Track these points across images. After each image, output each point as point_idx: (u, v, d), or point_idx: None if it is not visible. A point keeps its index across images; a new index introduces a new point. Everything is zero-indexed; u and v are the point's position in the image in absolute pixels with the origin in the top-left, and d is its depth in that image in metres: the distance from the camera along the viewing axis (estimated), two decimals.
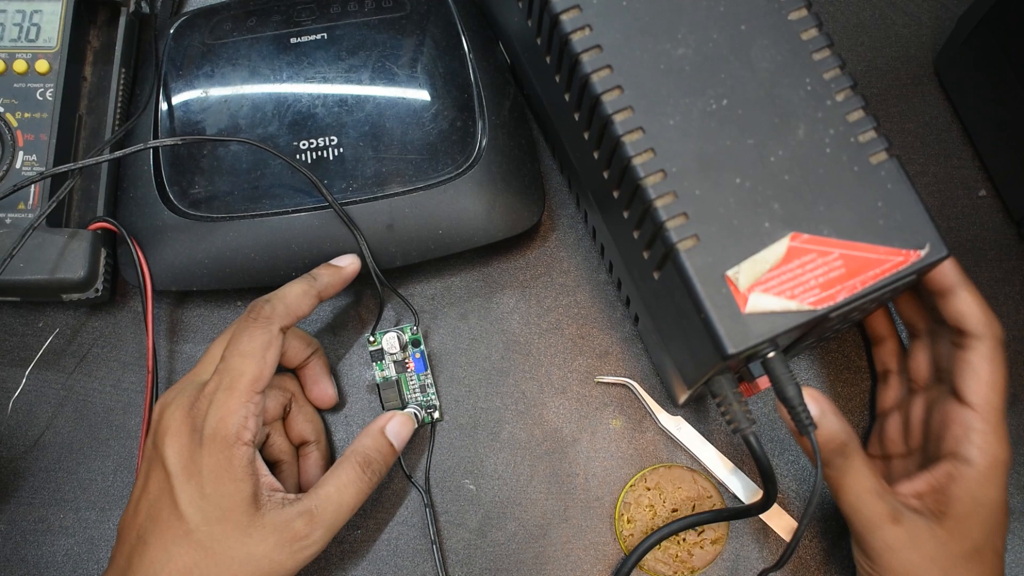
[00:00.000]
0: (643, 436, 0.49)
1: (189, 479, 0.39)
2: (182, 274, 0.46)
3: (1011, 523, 0.47)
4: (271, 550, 0.39)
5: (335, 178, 0.46)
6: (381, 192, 0.46)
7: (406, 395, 0.48)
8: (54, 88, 0.48)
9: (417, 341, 0.49)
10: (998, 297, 0.50)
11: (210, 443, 0.39)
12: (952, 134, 0.52)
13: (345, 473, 0.41)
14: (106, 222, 0.47)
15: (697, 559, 0.47)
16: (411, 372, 0.49)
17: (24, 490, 0.48)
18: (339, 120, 0.47)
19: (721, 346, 0.34)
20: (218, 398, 0.39)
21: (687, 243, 0.35)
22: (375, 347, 0.48)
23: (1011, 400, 0.49)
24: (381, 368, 0.49)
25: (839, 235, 0.35)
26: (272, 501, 0.39)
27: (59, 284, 0.46)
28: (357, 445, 0.43)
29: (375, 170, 0.46)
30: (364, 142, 0.47)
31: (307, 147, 0.46)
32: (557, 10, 0.37)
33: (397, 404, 0.48)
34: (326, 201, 0.45)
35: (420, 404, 0.48)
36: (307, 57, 0.48)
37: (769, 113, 0.36)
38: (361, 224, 0.46)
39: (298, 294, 0.43)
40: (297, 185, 0.46)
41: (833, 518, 0.48)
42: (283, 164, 0.46)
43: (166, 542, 0.38)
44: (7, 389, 0.49)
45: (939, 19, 0.54)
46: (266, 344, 0.40)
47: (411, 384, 0.49)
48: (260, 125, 0.47)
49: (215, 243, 0.46)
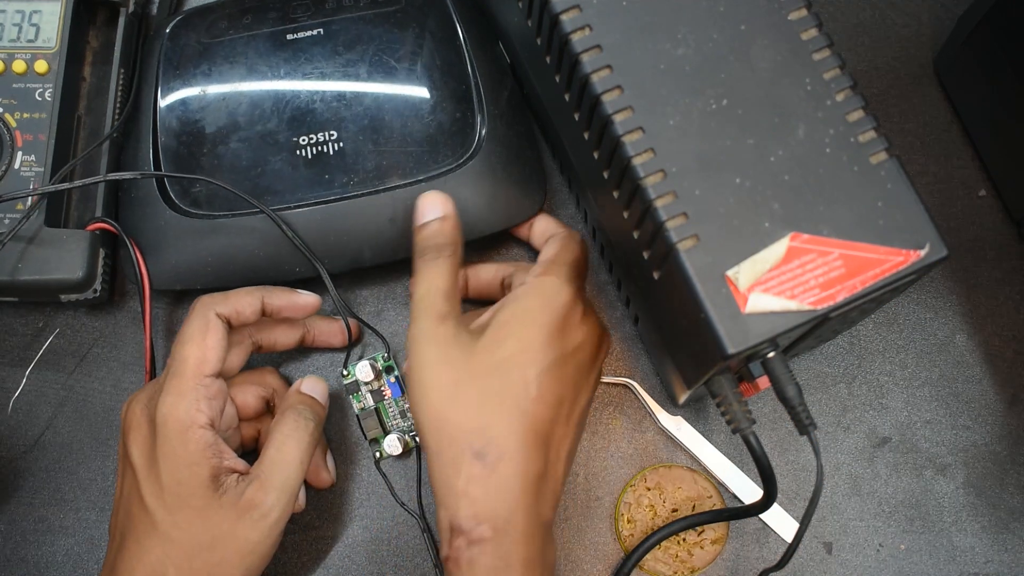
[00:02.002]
0: (643, 436, 0.49)
1: (150, 472, 0.39)
2: (185, 273, 0.47)
3: (1011, 523, 0.47)
4: (233, 527, 0.39)
5: (336, 172, 0.46)
6: (382, 185, 0.46)
7: (387, 423, 0.48)
8: (53, 88, 0.48)
9: (390, 368, 0.49)
10: (998, 297, 0.50)
11: (162, 429, 0.39)
12: (952, 134, 0.52)
13: (279, 431, 0.42)
14: (104, 223, 0.47)
15: (697, 559, 0.47)
16: (388, 399, 0.49)
17: (24, 490, 0.48)
18: (338, 115, 0.47)
19: (721, 346, 0.34)
20: (168, 386, 0.40)
21: (687, 243, 0.35)
22: (349, 380, 0.49)
23: (1011, 400, 0.49)
24: (358, 400, 0.49)
25: (839, 235, 0.35)
26: (230, 480, 0.40)
27: (57, 284, 0.46)
28: (281, 407, 0.44)
29: (375, 164, 0.46)
30: (363, 136, 0.47)
31: (307, 142, 0.46)
32: (557, 10, 0.37)
33: (379, 432, 0.48)
34: (328, 196, 0.46)
35: (402, 430, 0.48)
36: (304, 53, 0.48)
37: (769, 113, 0.36)
38: (363, 218, 0.46)
39: (241, 291, 0.44)
40: (298, 181, 0.46)
41: (833, 518, 0.48)
42: (283, 160, 0.46)
43: (139, 537, 0.39)
44: (7, 389, 0.49)
45: (939, 19, 0.54)
46: (203, 328, 0.41)
47: (390, 411, 0.49)
48: (259, 122, 0.47)
49: (217, 241, 0.46)
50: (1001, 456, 0.48)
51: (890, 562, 0.47)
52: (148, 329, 0.46)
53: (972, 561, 0.47)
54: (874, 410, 0.49)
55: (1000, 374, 0.49)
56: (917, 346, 0.50)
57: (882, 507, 0.48)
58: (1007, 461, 0.48)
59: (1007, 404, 0.49)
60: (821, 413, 0.49)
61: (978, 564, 0.47)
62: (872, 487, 0.48)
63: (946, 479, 0.48)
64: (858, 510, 0.48)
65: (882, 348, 0.50)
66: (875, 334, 0.50)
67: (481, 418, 0.38)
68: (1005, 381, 0.49)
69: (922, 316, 0.50)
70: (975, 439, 0.48)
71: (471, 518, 0.37)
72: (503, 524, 0.37)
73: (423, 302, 0.41)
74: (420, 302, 0.41)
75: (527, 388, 0.39)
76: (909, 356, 0.49)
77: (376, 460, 0.48)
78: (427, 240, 0.43)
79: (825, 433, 0.48)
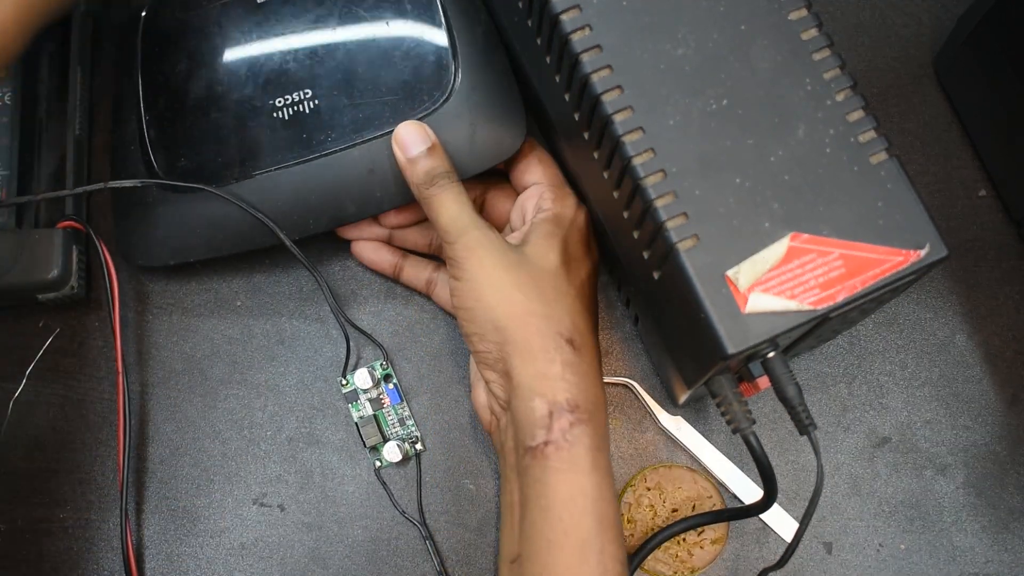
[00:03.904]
0: (643, 436, 0.49)
1: None
2: (178, 246, 0.47)
3: (1011, 523, 0.47)
4: None
5: (313, 131, 0.46)
6: (360, 138, 0.46)
7: (386, 430, 0.48)
8: (12, 92, 0.48)
9: (389, 376, 0.49)
10: (998, 297, 0.50)
11: None
12: (952, 134, 0.52)
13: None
14: (73, 221, 0.47)
15: (697, 559, 0.47)
16: (387, 407, 0.49)
17: (24, 490, 0.48)
18: (311, 72, 0.47)
19: (721, 346, 0.34)
20: None
21: (687, 243, 0.35)
22: (348, 388, 0.49)
23: (1011, 400, 0.49)
24: (357, 408, 0.49)
25: (839, 235, 0.35)
26: None
27: (34, 284, 0.46)
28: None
29: (351, 117, 0.46)
30: (338, 90, 0.46)
31: (283, 104, 0.46)
32: (557, 10, 0.37)
33: (379, 440, 0.48)
34: (307, 155, 0.46)
35: (402, 438, 0.48)
36: (275, 15, 0.48)
37: (769, 113, 0.36)
38: (343, 172, 0.46)
39: None
40: (276, 143, 0.46)
41: (833, 518, 0.48)
42: (261, 124, 0.46)
43: None
44: (7, 389, 0.49)
45: (939, 19, 0.54)
46: None
47: (389, 419, 0.49)
48: (236, 89, 0.47)
49: (208, 210, 0.46)
50: (1001, 456, 0.48)
51: (890, 562, 0.47)
52: (117, 327, 0.47)
53: (972, 561, 0.47)
54: (874, 410, 0.49)
55: (1000, 374, 0.49)
56: (917, 346, 0.50)
57: (882, 507, 0.48)
58: (1007, 461, 0.48)
59: (1007, 404, 0.49)
60: (821, 413, 0.49)
61: (978, 564, 0.47)
62: (872, 487, 0.48)
63: (946, 479, 0.48)
64: (858, 510, 0.48)
65: (882, 348, 0.50)
66: (875, 334, 0.50)
67: (562, 309, 0.41)
68: (1005, 381, 0.49)
69: (922, 316, 0.50)
70: (975, 439, 0.48)
71: (572, 400, 0.40)
72: (595, 405, 0.41)
73: (459, 220, 0.42)
74: (456, 221, 0.42)
75: (583, 287, 0.44)
76: (909, 356, 0.49)
77: (376, 469, 0.48)
78: (428, 171, 0.43)
79: (825, 433, 0.48)
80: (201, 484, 0.48)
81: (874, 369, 0.49)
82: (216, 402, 0.49)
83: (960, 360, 0.49)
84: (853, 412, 0.49)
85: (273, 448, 0.49)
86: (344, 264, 0.51)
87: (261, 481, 0.48)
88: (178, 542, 0.48)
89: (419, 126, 0.44)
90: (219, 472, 0.49)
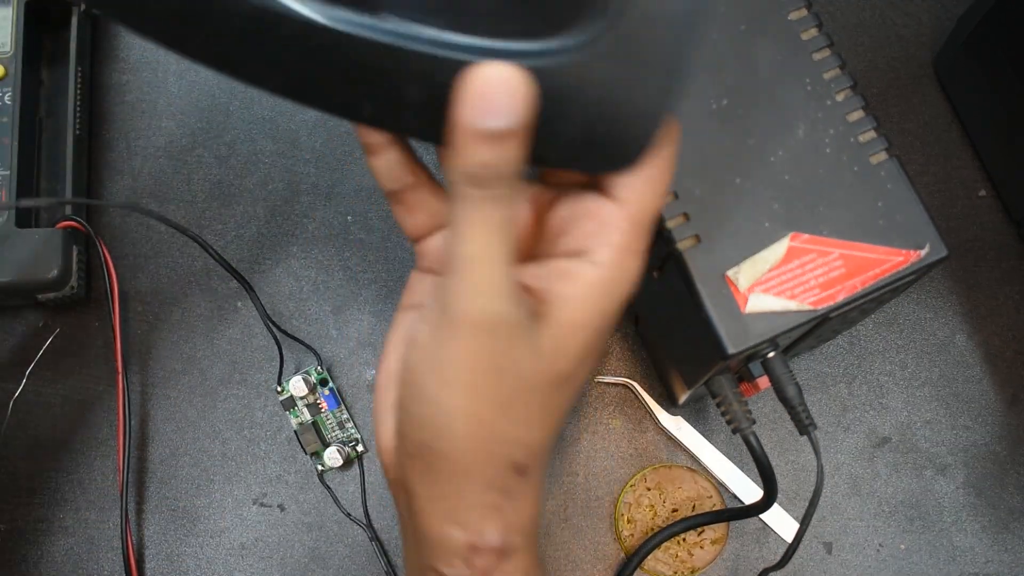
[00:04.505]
0: (643, 436, 0.49)
1: None
2: None
3: (1011, 523, 0.47)
4: None
5: None
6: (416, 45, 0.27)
7: (326, 435, 0.48)
8: (12, 92, 0.48)
9: (324, 380, 0.49)
10: (998, 297, 0.50)
11: None
12: (952, 134, 0.52)
13: None
14: (73, 221, 0.47)
15: (697, 559, 0.47)
16: (325, 411, 0.49)
17: (24, 490, 0.48)
18: None
19: (721, 346, 0.34)
20: None
21: (687, 243, 0.35)
22: (284, 396, 0.48)
23: (1011, 400, 0.49)
24: (295, 415, 0.48)
25: (839, 235, 0.35)
26: None
27: (34, 284, 0.46)
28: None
29: None
30: None
31: None
32: None
33: (319, 446, 0.48)
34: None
35: (342, 441, 0.48)
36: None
37: (769, 113, 0.36)
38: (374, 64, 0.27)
39: None
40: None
41: (833, 518, 0.48)
42: None
43: None
44: (7, 389, 0.49)
45: (939, 19, 0.54)
46: None
47: (328, 423, 0.48)
48: None
49: None
50: (1001, 456, 0.48)
51: (890, 562, 0.47)
52: (117, 327, 0.47)
53: (972, 561, 0.47)
54: (874, 410, 0.49)
55: (1000, 374, 0.49)
56: (917, 346, 0.50)
57: (882, 507, 0.48)
58: (1007, 461, 0.48)
59: (1007, 404, 0.49)
60: (821, 413, 0.49)
61: (978, 564, 0.47)
62: (872, 487, 0.48)
63: (946, 479, 0.48)
64: (858, 510, 0.48)
65: (882, 348, 0.50)
66: (875, 334, 0.50)
67: (531, 432, 0.30)
68: (1005, 381, 0.49)
69: (922, 316, 0.50)
70: (975, 439, 0.48)
71: (501, 531, 0.31)
72: (530, 526, 0.32)
73: (479, 268, 0.27)
74: (474, 266, 0.27)
75: (577, 393, 0.32)
76: (909, 356, 0.49)
77: (319, 473, 0.48)
78: (491, 164, 0.26)
79: (825, 433, 0.48)
80: (201, 484, 0.48)
81: (874, 369, 0.49)
82: (216, 402, 0.49)
83: (960, 360, 0.49)
84: (853, 412, 0.49)
85: (273, 448, 0.49)
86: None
87: (261, 481, 0.48)
88: (178, 542, 0.48)
89: (520, 85, 0.25)
90: (219, 472, 0.49)
